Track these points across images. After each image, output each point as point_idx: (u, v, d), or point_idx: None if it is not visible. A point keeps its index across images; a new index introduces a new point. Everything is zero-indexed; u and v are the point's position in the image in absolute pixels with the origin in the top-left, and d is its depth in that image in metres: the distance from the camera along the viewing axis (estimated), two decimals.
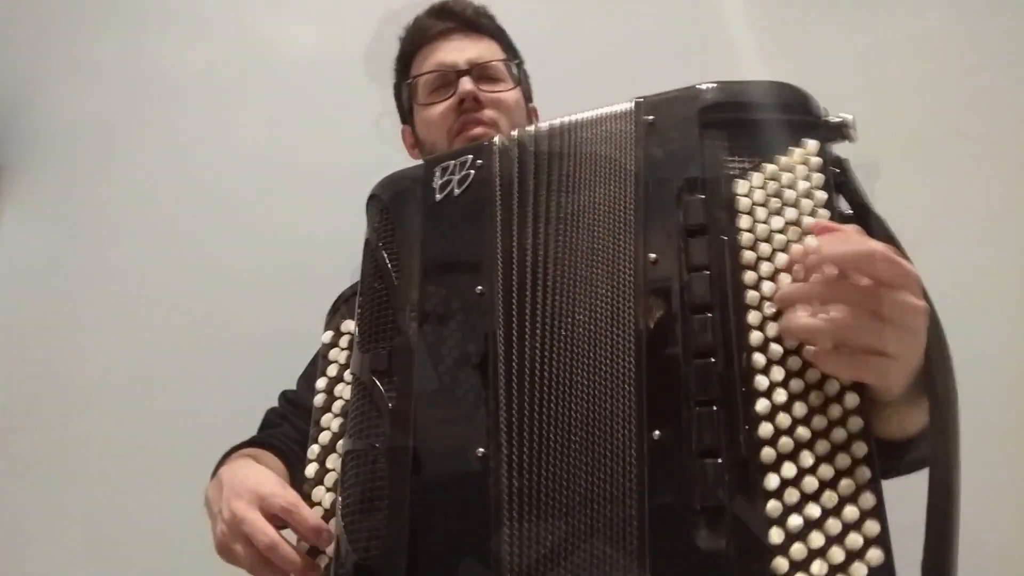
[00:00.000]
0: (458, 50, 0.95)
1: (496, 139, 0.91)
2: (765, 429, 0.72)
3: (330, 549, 0.89)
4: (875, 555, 0.66)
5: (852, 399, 0.70)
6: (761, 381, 0.74)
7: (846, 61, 1.47)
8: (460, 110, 1.02)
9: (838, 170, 0.81)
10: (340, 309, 1.07)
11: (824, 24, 1.51)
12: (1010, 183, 1.42)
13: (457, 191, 0.91)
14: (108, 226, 1.56)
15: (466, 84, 0.92)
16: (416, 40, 1.08)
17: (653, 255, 0.80)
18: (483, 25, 0.97)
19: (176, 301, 1.51)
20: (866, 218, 0.80)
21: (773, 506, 0.69)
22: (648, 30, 1.49)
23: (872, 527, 0.67)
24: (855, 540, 0.67)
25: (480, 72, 0.91)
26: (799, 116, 0.83)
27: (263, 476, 0.97)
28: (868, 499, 0.68)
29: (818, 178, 0.79)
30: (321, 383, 1.05)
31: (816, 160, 0.79)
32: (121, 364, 1.50)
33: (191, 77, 1.57)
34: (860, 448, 0.69)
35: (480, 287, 0.86)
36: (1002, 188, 1.41)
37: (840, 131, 0.82)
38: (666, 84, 0.90)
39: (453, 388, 0.85)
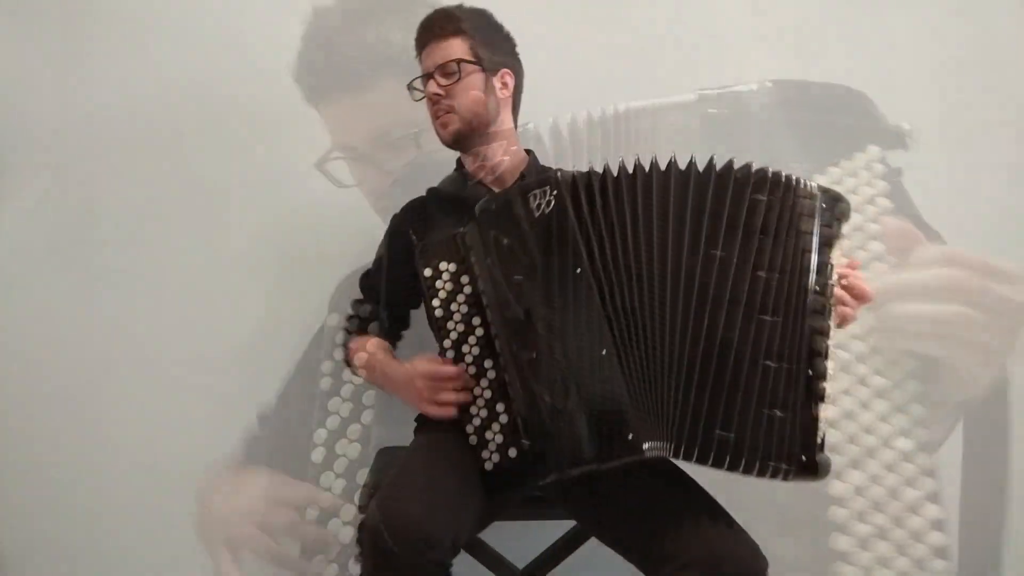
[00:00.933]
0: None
1: (551, 120, 0.88)
2: (832, 435, 0.72)
3: (347, 536, 0.88)
4: (940, 566, 0.68)
5: (918, 410, 0.71)
6: (828, 387, 0.74)
7: (847, 58, 1.47)
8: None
9: (898, 179, 0.82)
10: (346, 292, 1.04)
11: (825, 21, 1.51)
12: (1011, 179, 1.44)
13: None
14: (107, 226, 1.48)
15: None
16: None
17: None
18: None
19: (175, 300, 1.44)
20: (920, 228, 0.81)
21: (840, 513, 0.70)
22: (650, 25, 1.46)
23: (937, 539, 0.68)
24: (919, 552, 0.68)
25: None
26: (862, 121, 0.82)
27: (247, 500, 1.05)
28: (931, 511, 0.69)
29: (881, 185, 0.79)
30: (327, 367, 1.01)
31: (879, 167, 0.79)
32: (120, 363, 1.44)
33: (190, 78, 1.49)
34: (925, 460, 0.71)
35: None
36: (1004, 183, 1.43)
37: (900, 139, 0.83)
38: (666, 82, 0.91)
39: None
